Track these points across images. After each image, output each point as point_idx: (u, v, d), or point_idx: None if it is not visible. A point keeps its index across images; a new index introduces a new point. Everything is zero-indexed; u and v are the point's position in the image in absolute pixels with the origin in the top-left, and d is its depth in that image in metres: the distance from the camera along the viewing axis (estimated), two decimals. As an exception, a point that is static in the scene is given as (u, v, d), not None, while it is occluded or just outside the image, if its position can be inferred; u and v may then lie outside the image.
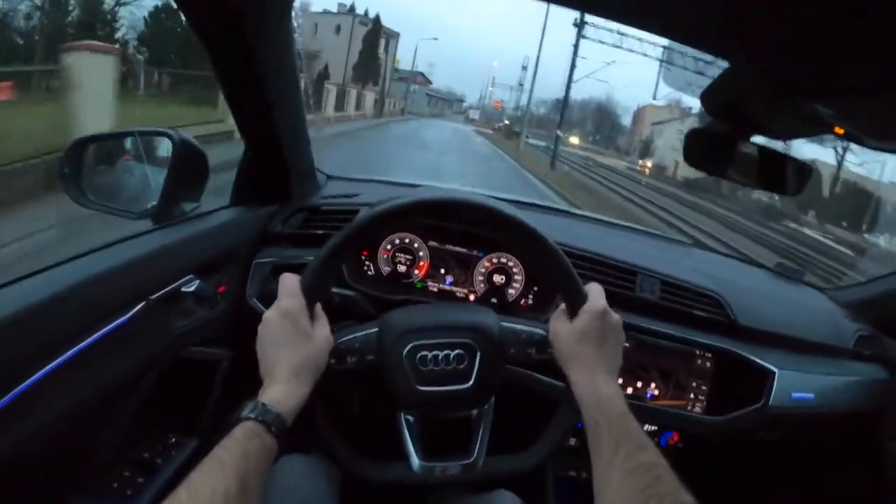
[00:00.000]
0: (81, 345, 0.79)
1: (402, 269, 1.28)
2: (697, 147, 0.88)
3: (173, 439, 1.10)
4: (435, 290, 1.27)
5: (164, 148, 1.11)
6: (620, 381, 1.20)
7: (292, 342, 0.76)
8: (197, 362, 1.09)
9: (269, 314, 0.77)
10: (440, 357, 0.83)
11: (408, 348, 0.83)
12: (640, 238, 1.73)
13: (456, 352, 0.83)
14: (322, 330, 0.79)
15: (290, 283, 0.80)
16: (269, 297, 1.09)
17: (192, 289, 1.03)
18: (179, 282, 1.01)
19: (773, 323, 1.34)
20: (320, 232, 1.25)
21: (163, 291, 0.96)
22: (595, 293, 0.85)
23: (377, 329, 0.86)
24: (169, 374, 1.01)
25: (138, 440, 1.03)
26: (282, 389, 0.72)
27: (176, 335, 1.01)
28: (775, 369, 1.24)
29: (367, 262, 1.28)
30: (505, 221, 0.85)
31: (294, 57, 1.08)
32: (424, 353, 0.83)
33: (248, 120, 1.16)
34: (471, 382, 0.84)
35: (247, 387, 0.81)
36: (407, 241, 1.27)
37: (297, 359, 0.75)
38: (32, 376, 0.71)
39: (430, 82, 53.11)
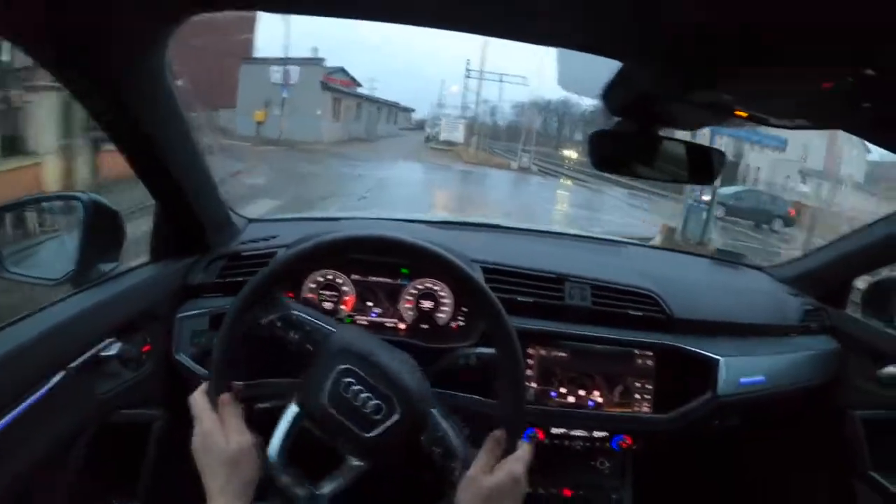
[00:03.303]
0: (2, 423, 0.81)
1: (328, 305, 1.31)
2: (603, 149, 0.92)
3: (114, 503, 1.12)
4: (364, 323, 1.29)
5: (77, 210, 1.14)
6: (563, 390, 1.26)
7: (213, 465, 0.81)
8: (130, 425, 1.13)
9: (193, 442, 0.83)
10: (363, 396, 0.87)
11: (341, 367, 0.89)
12: (570, 243, 1.80)
13: (376, 402, 0.88)
14: (239, 440, 0.83)
15: (197, 405, 0.86)
16: (195, 352, 1.18)
17: (113, 352, 1.05)
18: (100, 346, 1.02)
19: (714, 312, 1.39)
20: (240, 279, 1.26)
21: (83, 358, 0.98)
22: (521, 453, 0.89)
23: (323, 340, 0.93)
24: (102, 440, 1.04)
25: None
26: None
27: (102, 400, 1.04)
28: (719, 357, 1.28)
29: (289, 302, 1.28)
30: (433, 261, 0.93)
31: (179, 106, 1.07)
32: (352, 380, 0.88)
33: (147, 175, 1.17)
34: (371, 434, 0.88)
35: (183, 444, 0.85)
36: (330, 276, 1.30)
37: (220, 481, 0.79)
38: None
39: (355, 83, 35.78)
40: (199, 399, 0.86)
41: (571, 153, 39.80)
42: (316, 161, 18.14)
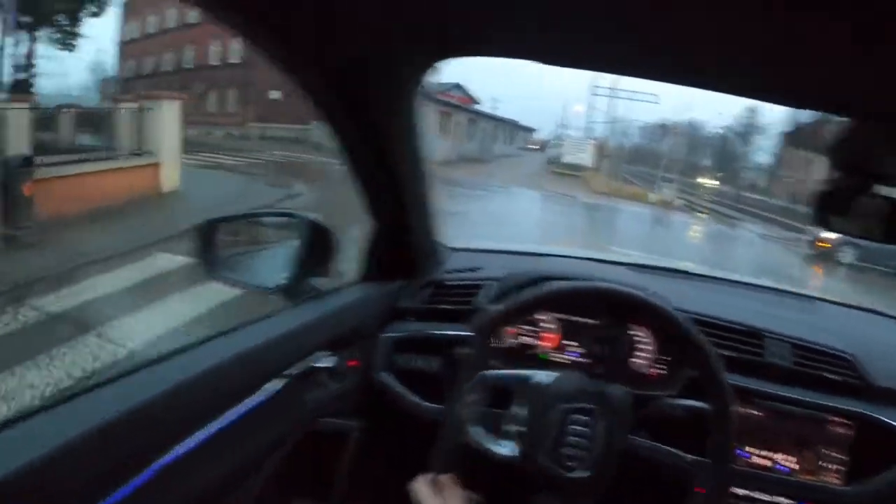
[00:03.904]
0: (224, 422, 0.89)
1: (527, 340, 1.34)
2: (829, 208, 0.90)
3: None
4: (560, 362, 1.31)
5: (294, 227, 1.28)
6: (754, 451, 1.25)
7: None
8: (328, 434, 1.24)
9: None
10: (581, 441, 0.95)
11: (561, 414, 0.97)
12: (763, 295, 1.73)
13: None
14: None
15: (420, 493, 0.94)
16: (396, 371, 1.29)
17: (325, 364, 1.16)
18: (314, 357, 1.14)
19: None
20: (447, 307, 1.37)
21: (300, 367, 1.09)
22: None
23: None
24: (301, 446, 1.14)
25: None
26: None
27: (309, 409, 1.15)
28: None
29: (492, 336, 1.33)
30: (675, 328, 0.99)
31: (420, 138, 1.18)
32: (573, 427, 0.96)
33: (375, 195, 1.29)
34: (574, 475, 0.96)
35: (375, 455, 0.99)
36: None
37: None
38: (174, 452, 0.81)
39: (473, 100, 34.74)
40: (422, 486, 0.95)
41: (707, 181, 35.93)
42: None
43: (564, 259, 1.73)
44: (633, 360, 1.29)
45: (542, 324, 1.32)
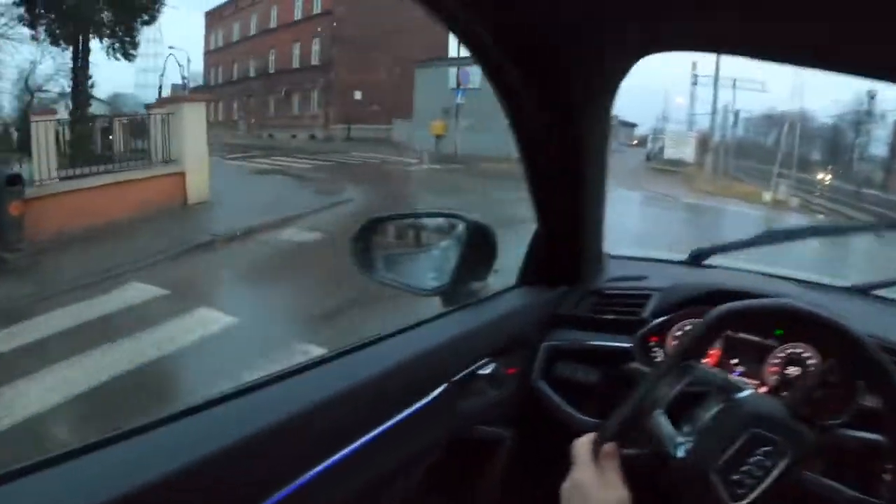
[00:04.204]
0: (388, 424, 0.92)
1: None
2: None
3: None
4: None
5: (453, 227, 1.30)
6: None
7: None
8: (481, 441, 1.23)
9: (565, 487, 0.87)
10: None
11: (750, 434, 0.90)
12: None
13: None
14: (618, 494, 0.85)
15: (580, 453, 0.90)
16: (553, 380, 1.26)
17: (488, 371, 1.16)
18: (476, 365, 1.14)
19: None
20: (610, 317, 1.34)
21: (462, 374, 1.10)
22: None
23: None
24: (453, 453, 1.14)
25: None
26: None
27: (467, 415, 1.15)
28: None
29: (655, 348, 1.30)
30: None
31: (607, 140, 1.17)
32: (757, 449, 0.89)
33: (547, 196, 1.27)
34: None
35: (526, 466, 0.99)
36: (688, 327, 1.28)
37: None
38: (338, 454, 0.84)
39: None
40: (583, 447, 0.91)
41: (825, 176, 31.35)
42: (464, 190, 15.38)
43: (733, 272, 1.62)
44: (801, 381, 1.21)
45: None
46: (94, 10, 13.28)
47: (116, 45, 14.27)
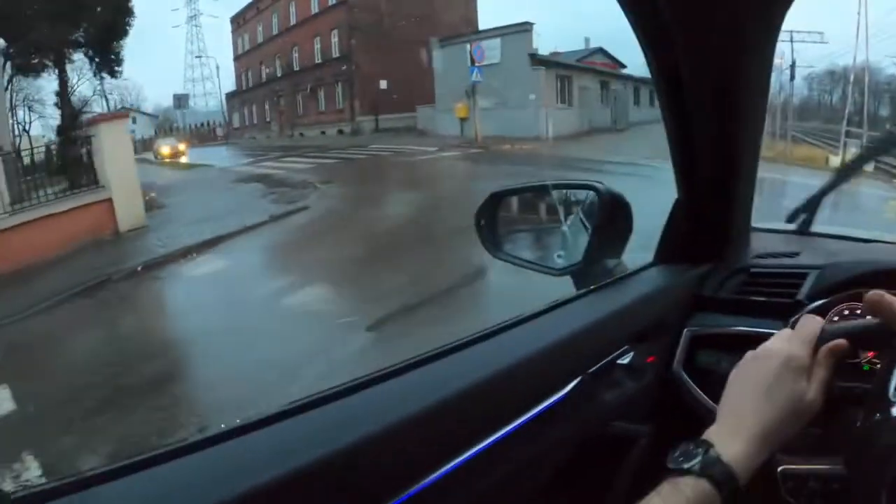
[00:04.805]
0: (516, 422, 0.87)
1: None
2: None
3: None
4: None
5: (588, 200, 1.24)
6: None
7: (780, 396, 0.73)
8: (616, 438, 1.15)
9: (766, 351, 0.77)
10: None
11: None
12: None
13: None
14: (817, 395, 0.75)
15: (808, 330, 0.79)
16: (695, 370, 1.16)
17: (627, 360, 1.10)
18: (615, 354, 1.08)
19: None
20: (761, 298, 1.22)
21: (599, 365, 1.03)
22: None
23: None
24: (585, 449, 1.08)
25: None
26: (746, 448, 0.68)
27: (603, 410, 1.09)
28: None
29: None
30: None
31: (764, 101, 1.12)
32: None
33: (695, 160, 1.20)
34: None
35: (660, 468, 0.82)
36: (858, 311, 1.14)
37: (777, 416, 0.71)
38: (463, 455, 0.80)
39: (619, 64, 29.65)
40: (811, 324, 0.80)
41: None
42: (438, 176, 14.91)
43: (891, 246, 1.51)
44: None
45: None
46: (61, 34, 13.41)
47: (98, 64, 14.71)
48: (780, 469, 0.88)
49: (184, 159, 24.77)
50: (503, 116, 21.25)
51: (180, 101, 37.88)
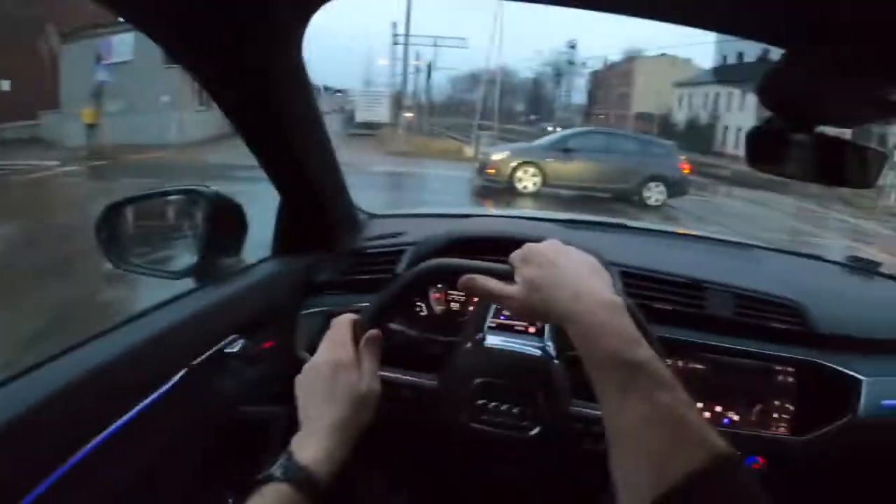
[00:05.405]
0: (124, 419, 0.86)
1: (455, 306, 1.38)
2: (762, 148, 0.89)
3: (232, 500, 1.19)
4: (492, 325, 1.27)
5: (200, 204, 1.26)
6: (699, 406, 1.27)
7: (337, 396, 0.80)
8: (250, 422, 1.22)
9: (315, 362, 0.84)
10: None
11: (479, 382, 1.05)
12: (704, 246, 1.86)
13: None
14: (371, 383, 0.83)
15: (340, 331, 0.87)
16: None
17: (236, 349, 1.12)
18: (224, 342, 1.11)
19: (856, 326, 1.37)
20: (366, 277, 1.38)
21: (205, 355, 1.06)
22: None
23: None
24: (225, 436, 1.14)
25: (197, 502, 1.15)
26: (320, 447, 0.75)
27: (224, 398, 1.13)
28: (861, 377, 1.26)
29: (419, 303, 1.39)
30: None
31: (314, 101, 1.17)
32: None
33: (277, 169, 1.28)
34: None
35: None
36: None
37: (340, 415, 0.78)
38: (75, 455, 0.77)
39: None
40: (343, 326, 0.87)
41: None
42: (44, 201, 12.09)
43: (489, 218, 1.80)
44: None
45: None
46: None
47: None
48: None
49: None
50: (135, 121, 19.14)
51: None
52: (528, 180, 13.09)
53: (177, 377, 0.97)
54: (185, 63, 0.96)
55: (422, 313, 1.40)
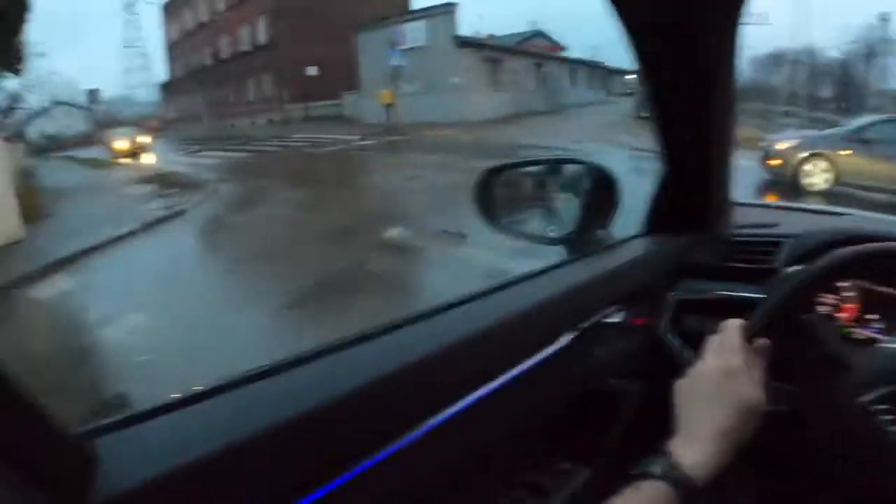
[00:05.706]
0: (515, 371, 0.90)
1: (822, 309, 1.21)
2: None
3: (568, 466, 1.18)
4: (861, 338, 1.14)
5: (576, 175, 1.31)
6: None
7: (724, 403, 0.79)
8: (605, 393, 1.22)
9: (707, 369, 0.83)
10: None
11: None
12: None
13: None
14: (758, 393, 0.81)
15: (730, 337, 0.86)
16: (682, 333, 1.22)
17: (617, 319, 1.15)
18: (603, 312, 1.13)
19: None
20: (740, 265, 1.31)
21: (589, 322, 1.08)
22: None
23: None
24: (577, 403, 1.14)
25: (535, 463, 1.13)
26: (703, 452, 0.74)
27: (595, 366, 1.15)
28: None
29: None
30: None
31: (734, 78, 1.15)
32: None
33: (675, 135, 1.27)
34: None
35: (650, 423, 0.91)
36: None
37: (726, 423, 0.77)
38: (465, 400, 0.81)
39: (558, 46, 32.64)
40: (733, 331, 0.86)
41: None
42: (343, 170, 14.03)
43: (861, 216, 1.62)
44: None
45: (843, 292, 1.18)
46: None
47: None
48: None
49: (146, 158, 20.73)
50: (427, 101, 21.08)
51: (93, 95, 36.39)
52: (817, 175, 10.89)
53: (564, 340, 1.01)
54: (629, 27, 1.02)
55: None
